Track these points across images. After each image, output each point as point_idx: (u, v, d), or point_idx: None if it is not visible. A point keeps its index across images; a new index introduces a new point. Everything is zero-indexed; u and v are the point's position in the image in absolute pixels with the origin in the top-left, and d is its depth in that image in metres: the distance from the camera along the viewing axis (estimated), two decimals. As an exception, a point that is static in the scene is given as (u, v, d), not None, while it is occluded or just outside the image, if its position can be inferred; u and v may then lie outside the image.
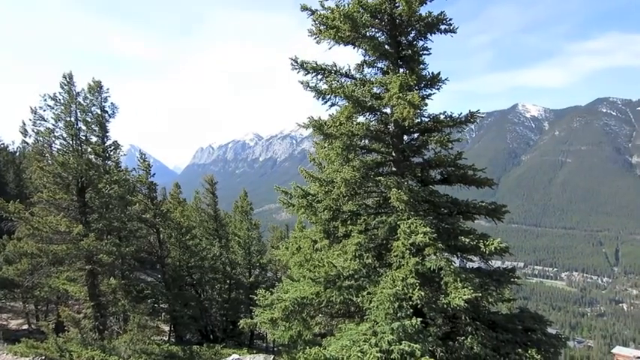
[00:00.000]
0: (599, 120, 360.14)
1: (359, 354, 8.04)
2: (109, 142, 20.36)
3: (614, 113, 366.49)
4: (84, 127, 19.33)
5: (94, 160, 19.50)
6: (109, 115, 20.08)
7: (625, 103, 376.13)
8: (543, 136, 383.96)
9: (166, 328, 26.55)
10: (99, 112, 19.76)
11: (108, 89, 19.91)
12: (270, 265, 30.65)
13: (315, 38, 10.77)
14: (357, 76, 11.32)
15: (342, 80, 11.08)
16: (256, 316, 10.33)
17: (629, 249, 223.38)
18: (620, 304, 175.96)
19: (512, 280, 10.17)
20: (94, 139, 19.84)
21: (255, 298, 10.68)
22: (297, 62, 10.62)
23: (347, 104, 10.40)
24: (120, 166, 21.30)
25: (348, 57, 11.96)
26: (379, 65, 11.29)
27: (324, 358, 8.45)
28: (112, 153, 20.55)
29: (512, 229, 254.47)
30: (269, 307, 10.28)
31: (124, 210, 20.02)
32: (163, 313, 24.57)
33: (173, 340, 24.91)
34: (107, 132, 20.26)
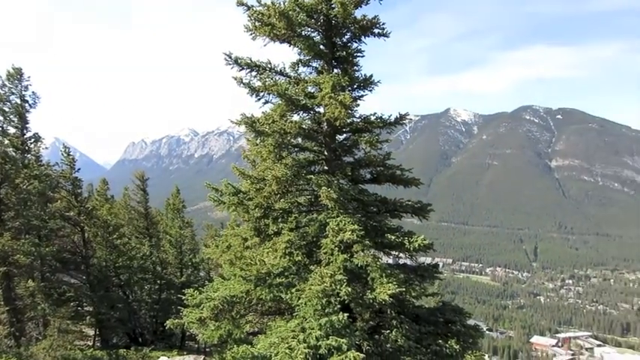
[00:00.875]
0: (522, 126, 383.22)
1: (287, 350, 8.12)
2: (28, 134, 19.19)
3: (536, 120, 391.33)
4: (0, 118, 18.10)
5: (11, 153, 18.27)
6: (29, 104, 18.93)
7: (546, 111, 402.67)
8: (472, 140, 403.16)
9: (91, 332, 25.33)
10: (18, 101, 18.59)
11: (29, 77, 18.76)
12: (202, 264, 30.06)
13: (251, 34, 10.70)
14: (292, 74, 11.37)
15: (277, 78, 11.09)
16: (184, 316, 10.14)
17: (547, 246, 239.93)
18: (538, 297, 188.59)
19: (435, 275, 10.65)
20: (11, 130, 18.62)
21: (184, 297, 10.49)
22: (230, 57, 10.50)
23: (280, 102, 10.44)
24: (41, 160, 20.08)
25: (284, 55, 11.98)
26: (314, 65, 11.40)
27: (252, 356, 8.47)
28: (32, 146, 19.38)
29: (442, 227, 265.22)
30: (197, 307, 10.13)
31: (44, 207, 18.93)
32: (88, 317, 23.48)
33: (98, 344, 23.85)
34: (27, 123, 19.09)
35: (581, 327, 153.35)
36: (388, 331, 9.35)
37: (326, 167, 10.99)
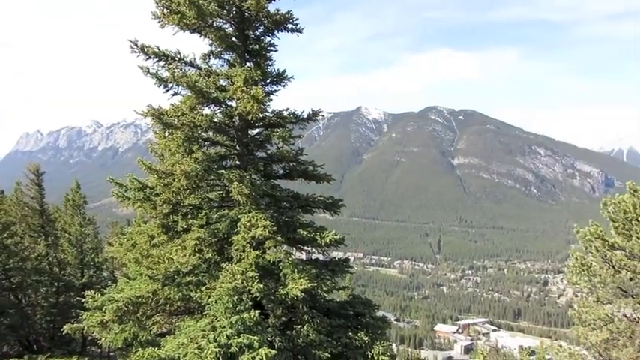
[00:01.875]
0: (428, 125, 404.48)
1: (196, 351, 7.87)
2: None
3: (440, 120, 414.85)
4: None
5: None
6: None
7: (450, 112, 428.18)
8: (382, 138, 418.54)
9: (-25, 341, 22.91)
10: None
11: None
12: (106, 263, 28.38)
13: (159, 22, 10.19)
14: (203, 66, 11.02)
15: (187, 69, 10.68)
16: (84, 319, 9.45)
17: (449, 239, 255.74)
18: (441, 287, 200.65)
19: (346, 269, 10.88)
20: None
21: (84, 300, 9.78)
22: (136, 45, 9.94)
23: (190, 94, 10.07)
24: None
25: (196, 46, 11.55)
26: (226, 57, 11.14)
27: (159, 359, 8.11)
28: None
29: (353, 222, 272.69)
30: (99, 309, 9.50)
31: None
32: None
33: (-16, 353, 21.64)
34: None
35: (479, 314, 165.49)
36: (300, 326, 9.39)
37: (238, 162, 10.79)
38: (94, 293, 9.86)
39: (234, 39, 10.72)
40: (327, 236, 9.49)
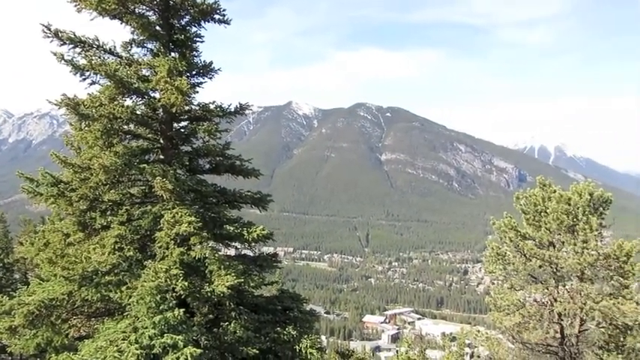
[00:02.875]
0: (357, 122, 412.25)
1: (116, 354, 7.50)
2: None
3: (369, 117, 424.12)
4: None
5: None
6: None
7: (377, 109, 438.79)
8: (313, 133, 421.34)
9: None
10: None
11: None
12: (17, 264, 26.37)
13: (76, 6, 9.54)
14: (124, 54, 10.46)
15: (106, 57, 10.09)
16: (-11, 326, 8.70)
17: (377, 232, 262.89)
18: (370, 279, 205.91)
19: (274, 264, 10.82)
20: None
21: (-11, 305, 9.00)
22: (49, 30, 9.23)
23: (110, 84, 9.52)
24: None
25: (117, 33, 10.93)
26: (149, 46, 10.64)
27: (75, 364, 7.65)
28: None
29: (284, 217, 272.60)
30: (8, 314, 8.79)
31: None
32: None
33: None
34: None
35: (405, 304, 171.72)
36: (227, 323, 9.22)
37: (162, 156, 10.37)
38: (2, 297, 9.11)
39: (157, 27, 10.27)
40: (255, 232, 9.37)
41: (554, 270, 15.14)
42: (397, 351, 26.31)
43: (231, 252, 10.99)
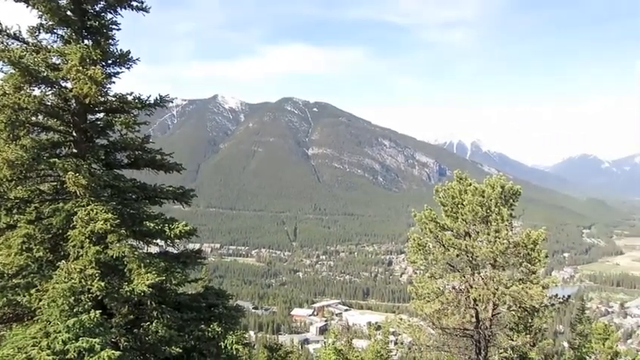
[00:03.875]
0: (284, 116, 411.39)
1: (25, 361, 7.00)
2: None
3: (296, 111, 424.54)
4: None
5: None
6: None
7: (304, 103, 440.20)
8: (239, 127, 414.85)
9: None
10: None
11: None
12: None
13: (-27, -14, 8.71)
14: (31, 40, 9.69)
15: (9, 42, 9.29)
16: None
17: (305, 226, 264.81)
18: (298, 273, 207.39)
19: (198, 260, 10.55)
20: None
21: None
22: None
23: (14, 71, 8.79)
24: None
25: (22, 17, 10.09)
26: (59, 32, 9.91)
27: (-24, 375, 7.05)
28: None
29: (210, 213, 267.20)
30: None
31: None
32: None
33: None
34: None
35: (332, 296, 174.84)
36: (148, 323, 8.88)
37: (75, 150, 9.73)
38: None
39: (69, 12, 9.59)
40: (177, 228, 9.07)
41: (470, 259, 16.05)
42: (325, 342, 26.75)
43: (156, 249, 10.60)
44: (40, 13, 9.47)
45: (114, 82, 9.76)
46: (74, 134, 9.76)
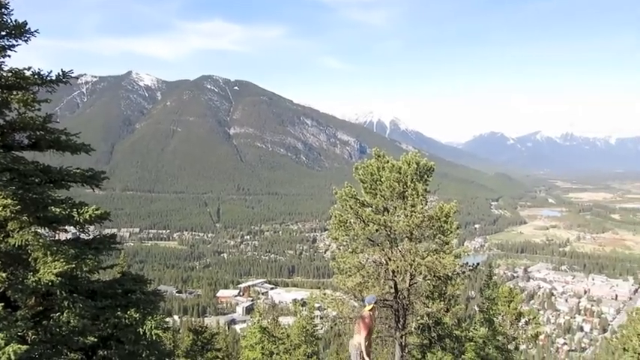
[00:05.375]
0: (204, 95, 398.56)
1: None
2: None
3: (216, 90, 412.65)
4: None
5: None
6: None
7: (225, 82, 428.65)
8: (156, 106, 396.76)
9: None
10: None
11: None
12: None
13: None
14: None
15: None
16: None
17: (228, 207, 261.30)
18: (222, 254, 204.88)
19: (112, 246, 10.04)
20: None
21: None
22: None
23: None
24: None
25: None
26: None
27: None
28: None
29: (127, 196, 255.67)
30: None
31: None
32: None
33: None
34: None
35: (258, 275, 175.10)
36: (59, 314, 8.38)
37: (-34, 131, 8.84)
38: None
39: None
40: (87, 212, 8.54)
41: (389, 233, 16.70)
42: (251, 322, 26.83)
43: (66, 236, 9.93)
44: None
45: (9, 56, 8.91)
46: (-36, 113, 8.83)
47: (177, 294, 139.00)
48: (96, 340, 8.44)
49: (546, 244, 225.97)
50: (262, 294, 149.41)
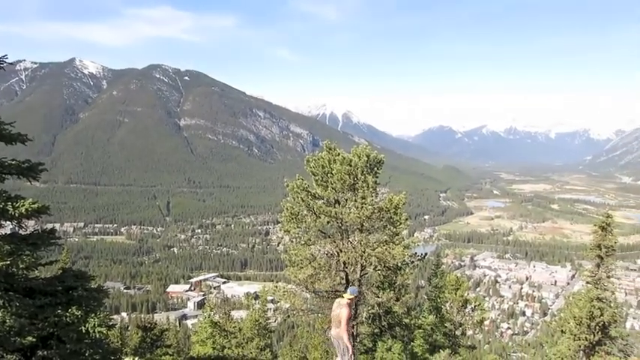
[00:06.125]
0: (153, 84, 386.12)
1: None
2: None
3: (166, 80, 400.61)
4: None
5: None
6: None
7: (175, 71, 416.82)
8: (102, 95, 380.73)
9: None
10: None
11: None
12: None
13: None
14: None
15: None
16: None
17: (178, 200, 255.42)
18: (172, 249, 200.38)
19: (52, 241, 9.56)
20: None
21: None
22: None
23: None
24: None
25: None
26: None
27: None
28: None
29: (71, 189, 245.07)
30: None
31: None
32: None
33: None
34: None
35: (210, 269, 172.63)
36: (-7, 313, 7.94)
37: None
38: None
39: None
40: (23, 206, 8.09)
41: (340, 224, 16.88)
42: (202, 317, 26.46)
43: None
44: None
45: None
46: None
47: (125, 290, 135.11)
48: (35, 339, 8.04)
49: (491, 234, 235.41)
50: (214, 288, 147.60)
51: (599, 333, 19.73)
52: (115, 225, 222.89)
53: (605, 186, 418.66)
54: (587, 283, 20.09)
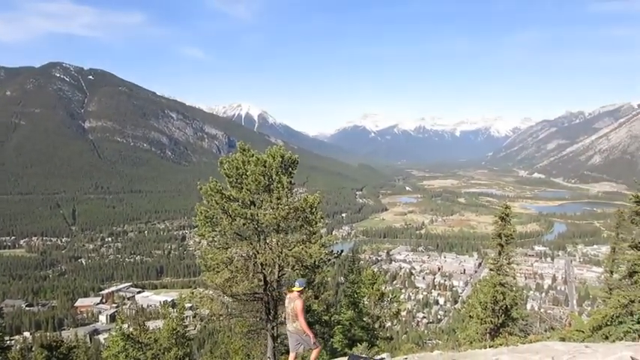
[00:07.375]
0: (53, 84, 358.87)
1: None
2: None
3: (67, 79, 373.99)
4: None
5: None
6: None
7: (77, 70, 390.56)
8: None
9: None
10: None
11: None
12: None
13: None
14: None
15: None
16: None
17: (85, 207, 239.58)
18: (80, 260, 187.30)
19: None
20: None
21: None
22: None
23: None
24: None
25: None
26: None
27: None
28: None
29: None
30: None
31: None
32: None
33: None
34: None
35: (122, 279, 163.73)
36: None
37: None
38: None
39: None
40: None
41: (256, 226, 16.81)
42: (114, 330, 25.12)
43: None
44: None
45: None
46: None
47: (27, 308, 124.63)
48: None
49: (405, 229, 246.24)
50: (128, 299, 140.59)
51: (503, 316, 21.37)
52: (14, 237, 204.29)
53: (504, 179, 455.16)
54: (491, 270, 21.65)
